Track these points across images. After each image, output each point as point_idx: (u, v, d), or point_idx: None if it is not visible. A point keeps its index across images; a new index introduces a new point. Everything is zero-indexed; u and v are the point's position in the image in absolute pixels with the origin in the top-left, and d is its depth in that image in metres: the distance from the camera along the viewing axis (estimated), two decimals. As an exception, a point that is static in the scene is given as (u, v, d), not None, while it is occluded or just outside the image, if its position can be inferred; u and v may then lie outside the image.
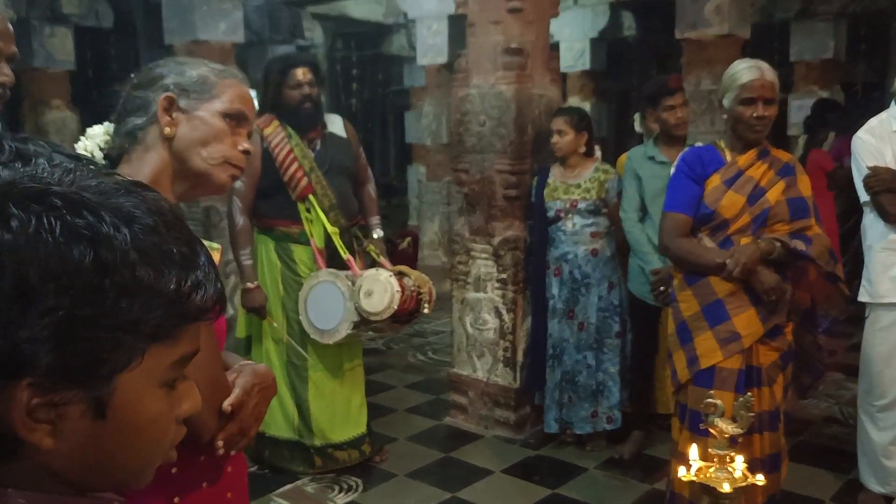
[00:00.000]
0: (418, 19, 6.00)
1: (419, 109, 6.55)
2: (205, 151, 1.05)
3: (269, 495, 2.72)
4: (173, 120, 1.04)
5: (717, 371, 2.07)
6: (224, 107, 1.06)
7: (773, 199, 2.08)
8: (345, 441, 2.86)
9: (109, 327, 0.47)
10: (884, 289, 2.43)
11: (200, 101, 1.06)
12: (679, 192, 2.16)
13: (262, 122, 2.75)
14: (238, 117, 1.08)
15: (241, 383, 1.00)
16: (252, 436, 1.01)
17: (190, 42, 4.41)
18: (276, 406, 2.82)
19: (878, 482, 2.52)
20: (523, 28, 3.12)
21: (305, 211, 2.73)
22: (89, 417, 0.49)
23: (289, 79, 2.68)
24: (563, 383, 3.04)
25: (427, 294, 2.67)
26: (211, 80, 1.07)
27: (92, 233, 0.47)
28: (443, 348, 4.41)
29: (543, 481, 2.81)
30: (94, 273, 0.46)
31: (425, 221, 6.41)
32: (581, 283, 3.00)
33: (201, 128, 1.05)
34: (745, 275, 2.01)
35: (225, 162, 1.06)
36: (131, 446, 0.53)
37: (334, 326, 2.65)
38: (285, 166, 2.70)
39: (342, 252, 2.71)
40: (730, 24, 3.37)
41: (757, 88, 2.03)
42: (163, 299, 0.49)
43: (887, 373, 2.46)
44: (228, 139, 1.06)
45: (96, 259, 0.46)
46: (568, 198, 3.00)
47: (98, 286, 0.46)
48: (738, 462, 1.50)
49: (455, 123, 3.27)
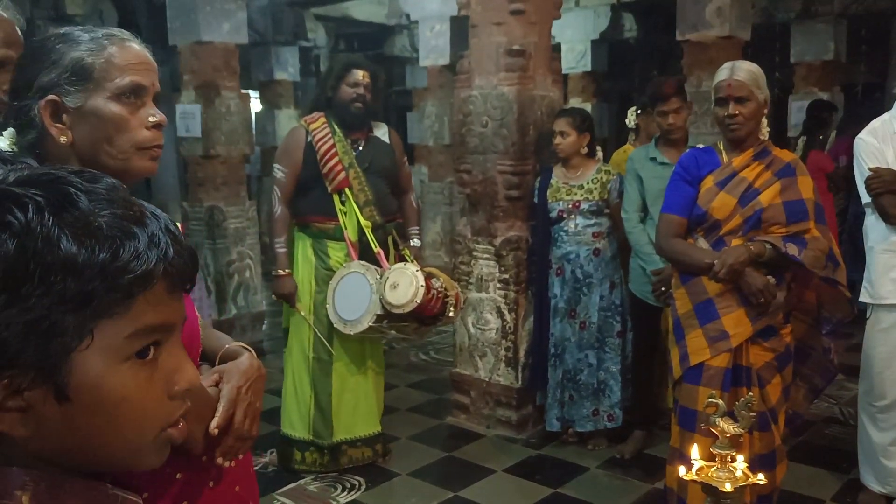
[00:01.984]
0: (420, 20, 6.02)
1: (421, 110, 6.57)
2: (111, 148, 0.92)
3: (271, 494, 2.74)
4: (64, 126, 0.91)
5: (705, 368, 2.10)
6: (113, 88, 0.91)
7: (766, 201, 2.09)
8: (362, 437, 2.89)
9: (48, 307, 0.48)
10: (885, 290, 2.44)
11: (85, 93, 0.91)
12: (674, 194, 2.20)
13: (310, 118, 2.83)
14: (134, 91, 0.93)
15: (225, 394, 0.92)
16: (255, 434, 0.97)
17: (193, 43, 4.43)
18: (291, 405, 2.86)
19: (878, 482, 2.53)
20: (525, 29, 3.14)
21: (340, 203, 2.77)
22: (54, 401, 0.50)
23: (349, 76, 2.76)
24: (565, 382, 3.06)
25: (454, 298, 2.69)
26: (87, 63, 0.91)
27: (14, 219, 0.48)
28: (445, 348, 4.43)
29: (545, 480, 2.82)
30: (18, 257, 0.47)
31: (427, 222, 6.43)
32: (583, 283, 3.01)
33: (98, 124, 0.92)
34: (731, 276, 2.03)
35: (138, 149, 0.94)
36: (107, 425, 0.52)
37: (358, 317, 2.67)
38: (326, 159, 2.76)
39: (374, 246, 2.75)
40: (731, 25, 3.38)
41: (725, 88, 2.07)
42: (95, 270, 0.49)
43: (888, 374, 2.46)
44: (133, 121, 0.93)
45: (19, 245, 0.47)
46: (570, 198, 3.02)
47: (25, 269, 0.47)
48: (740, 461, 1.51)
49: (457, 124, 3.28)
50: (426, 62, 6.08)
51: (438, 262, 6.18)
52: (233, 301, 4.68)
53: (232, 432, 0.92)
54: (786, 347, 2.14)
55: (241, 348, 1.02)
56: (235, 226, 4.53)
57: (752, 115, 2.08)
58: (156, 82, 0.97)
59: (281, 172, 2.80)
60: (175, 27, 4.50)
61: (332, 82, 2.80)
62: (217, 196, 4.60)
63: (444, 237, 6.26)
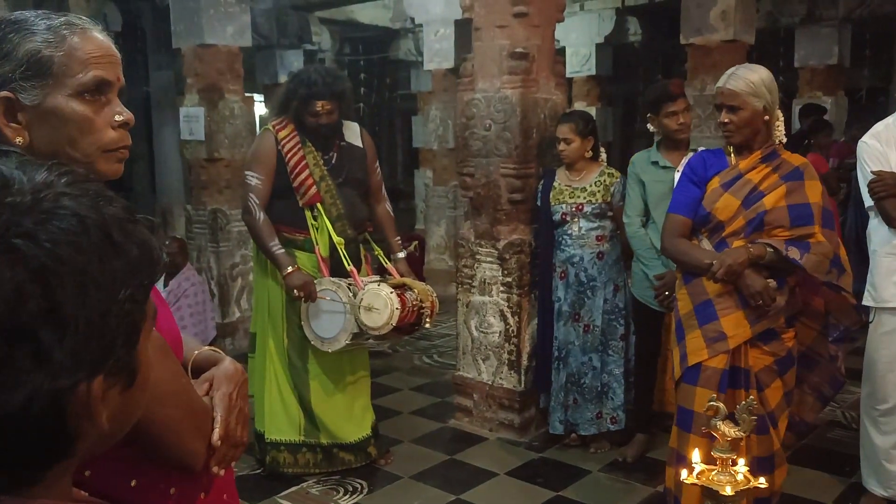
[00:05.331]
0: (425, 24, 6.04)
1: (426, 114, 6.59)
2: (74, 151, 0.84)
3: (273, 497, 2.74)
4: (20, 125, 0.82)
5: (703, 369, 2.10)
6: (75, 85, 0.82)
7: (770, 203, 2.09)
8: (350, 443, 2.88)
9: (134, 300, 0.51)
10: (888, 293, 2.44)
11: (43, 90, 0.81)
12: (680, 195, 2.21)
13: (278, 125, 2.78)
14: (98, 87, 0.84)
15: (219, 402, 0.89)
16: (246, 440, 0.94)
17: (197, 46, 4.45)
18: (278, 410, 2.83)
19: (880, 485, 2.52)
20: (529, 32, 3.14)
21: (312, 218, 2.75)
22: (121, 390, 0.53)
23: (309, 107, 2.70)
24: (569, 385, 3.06)
25: (428, 308, 2.71)
26: (45, 56, 0.81)
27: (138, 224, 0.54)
28: (448, 351, 4.43)
29: (547, 483, 2.82)
30: (141, 262, 0.52)
31: (432, 225, 6.44)
32: (587, 286, 3.01)
33: (58, 124, 0.82)
34: (729, 277, 2.03)
35: (104, 151, 0.86)
36: (141, 399, 0.56)
37: (334, 335, 2.68)
38: (296, 172, 2.73)
39: (346, 263, 2.72)
40: (735, 29, 3.38)
41: (719, 96, 2.11)
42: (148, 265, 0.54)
43: (890, 377, 2.46)
44: (98, 121, 0.84)
45: (142, 249, 0.52)
46: (574, 201, 3.02)
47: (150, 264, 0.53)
48: (741, 465, 1.51)
49: (460, 127, 3.29)
50: (430, 66, 6.10)
51: (443, 265, 6.19)
52: (236, 304, 4.69)
53: (226, 440, 0.90)
54: (787, 352, 2.14)
55: (213, 353, 0.98)
56: (239, 229, 4.53)
57: (744, 122, 2.08)
58: (121, 76, 0.88)
59: (256, 179, 2.72)
60: (179, 30, 4.52)
61: (295, 107, 2.72)
62: (220, 199, 4.61)
63: (448, 241, 6.26)
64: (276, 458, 2.85)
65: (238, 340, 4.55)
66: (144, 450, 0.82)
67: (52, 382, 0.46)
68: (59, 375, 0.46)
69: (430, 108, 6.47)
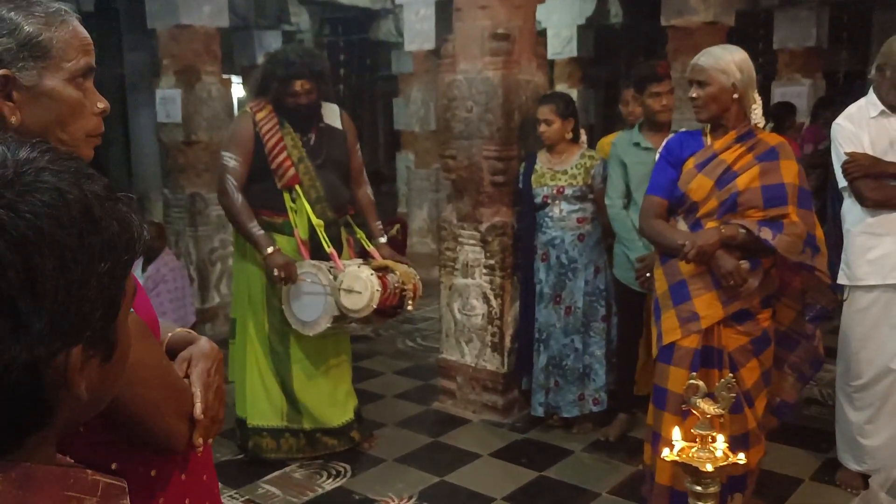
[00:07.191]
0: (405, 4, 5.96)
1: (407, 96, 6.53)
2: (64, 133, 0.86)
3: (256, 482, 2.74)
4: (15, 103, 0.83)
5: (676, 349, 2.13)
6: (71, 69, 0.85)
7: (742, 184, 2.09)
8: (333, 427, 2.88)
9: (113, 275, 0.52)
10: (861, 272, 2.48)
11: (40, 71, 0.83)
12: (657, 176, 2.23)
13: (255, 106, 2.74)
14: (86, 72, 0.87)
15: (197, 378, 0.90)
16: (222, 418, 0.95)
17: (173, 26, 4.35)
18: (260, 395, 2.82)
19: (855, 460, 2.58)
20: (510, 13, 3.12)
21: (290, 201, 2.72)
22: (100, 362, 0.54)
23: (288, 87, 2.67)
24: (550, 367, 3.08)
25: (411, 291, 2.69)
26: (46, 38, 0.83)
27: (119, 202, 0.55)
28: (432, 334, 4.44)
29: (530, 464, 2.85)
30: (121, 237, 0.53)
31: (414, 208, 6.41)
32: (568, 268, 3.03)
33: (52, 106, 0.85)
34: (700, 258, 2.05)
35: (87, 136, 0.89)
36: (120, 373, 0.58)
37: (315, 318, 2.67)
38: (274, 154, 2.69)
39: (326, 245, 2.70)
40: (715, 11, 3.39)
41: (689, 72, 2.16)
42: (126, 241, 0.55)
43: (864, 353, 2.51)
44: (87, 107, 0.88)
45: (122, 225, 0.53)
46: (555, 184, 3.02)
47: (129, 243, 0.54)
48: (720, 442, 1.53)
49: (442, 109, 3.27)
50: (411, 47, 6.03)
51: (425, 248, 6.18)
52: (216, 289, 4.64)
53: (207, 414, 0.91)
54: (763, 332, 2.16)
55: (188, 333, 0.99)
56: (218, 213, 4.46)
57: (711, 97, 2.10)
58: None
59: (233, 161, 2.68)
60: (154, 10, 4.42)
61: (275, 85, 2.68)
62: (199, 183, 4.55)
63: (430, 224, 6.24)
64: (258, 444, 2.84)
65: (218, 326, 4.51)
66: (127, 432, 0.83)
67: (30, 351, 0.47)
68: (36, 344, 0.47)
69: (411, 89, 6.41)
